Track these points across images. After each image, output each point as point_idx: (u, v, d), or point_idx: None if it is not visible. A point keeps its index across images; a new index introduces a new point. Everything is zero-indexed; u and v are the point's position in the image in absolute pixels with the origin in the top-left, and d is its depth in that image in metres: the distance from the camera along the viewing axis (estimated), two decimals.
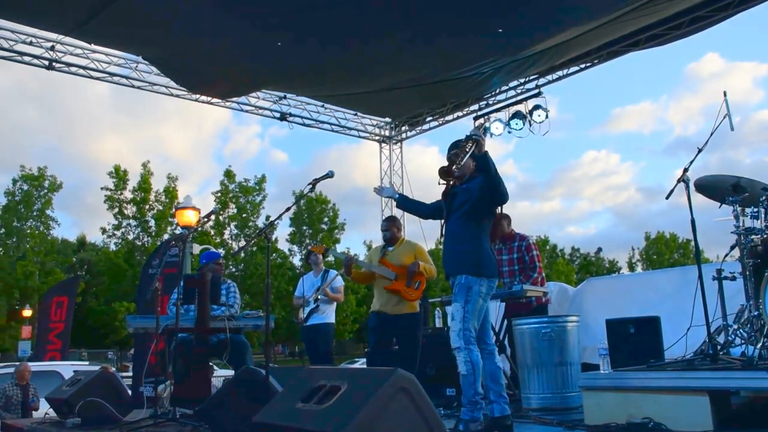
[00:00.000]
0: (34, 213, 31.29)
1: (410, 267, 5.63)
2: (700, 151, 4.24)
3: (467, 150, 3.90)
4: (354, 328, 36.10)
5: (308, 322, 7.32)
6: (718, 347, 3.89)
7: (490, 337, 4.14)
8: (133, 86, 10.85)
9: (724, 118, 4.26)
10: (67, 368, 9.48)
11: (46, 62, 10.01)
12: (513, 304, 6.08)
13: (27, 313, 27.20)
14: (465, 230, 4.01)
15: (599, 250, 51.91)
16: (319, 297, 7.36)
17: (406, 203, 4.61)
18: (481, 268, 3.95)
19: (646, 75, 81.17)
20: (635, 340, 4.75)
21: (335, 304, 7.60)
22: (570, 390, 4.81)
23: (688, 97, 74.09)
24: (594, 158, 77.48)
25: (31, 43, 9.86)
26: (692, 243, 4.19)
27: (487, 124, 11.67)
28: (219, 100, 11.57)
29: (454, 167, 3.92)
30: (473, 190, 4.04)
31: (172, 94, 11.13)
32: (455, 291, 3.95)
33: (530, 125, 11.12)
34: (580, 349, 5.09)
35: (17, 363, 10.12)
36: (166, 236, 30.14)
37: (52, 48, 9.95)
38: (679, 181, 4.20)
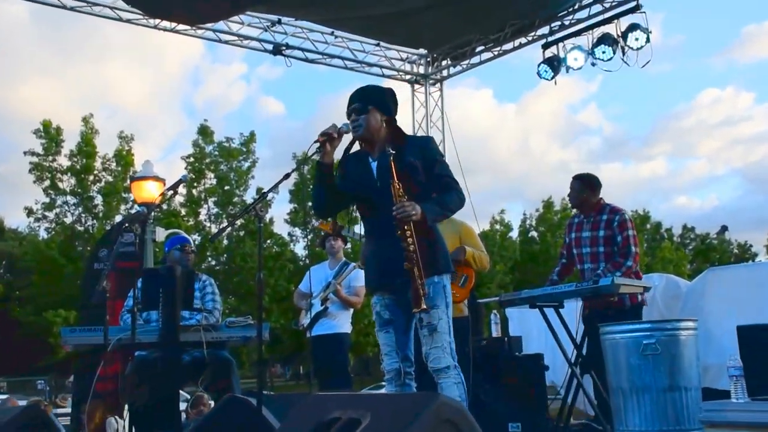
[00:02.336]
0: None
1: (453, 254, 5.69)
2: None
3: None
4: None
5: (313, 332, 7.38)
6: None
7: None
8: (64, 7, 10.85)
9: None
10: None
11: None
12: (595, 303, 6.06)
13: None
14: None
15: (723, 229, 51.28)
16: (329, 297, 7.39)
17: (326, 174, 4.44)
18: (449, 262, 4.39)
19: None
20: None
21: (351, 309, 7.61)
22: (686, 425, 4.77)
23: None
24: (715, 99, 76.93)
25: None
26: None
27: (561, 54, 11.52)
28: (187, 28, 11.56)
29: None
30: (412, 166, 4.27)
31: (120, 19, 11.12)
32: (432, 293, 4.18)
33: (623, 54, 10.91)
34: (699, 369, 5.03)
35: None
36: (118, 218, 30.51)
37: None
38: None
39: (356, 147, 4.49)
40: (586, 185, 6.47)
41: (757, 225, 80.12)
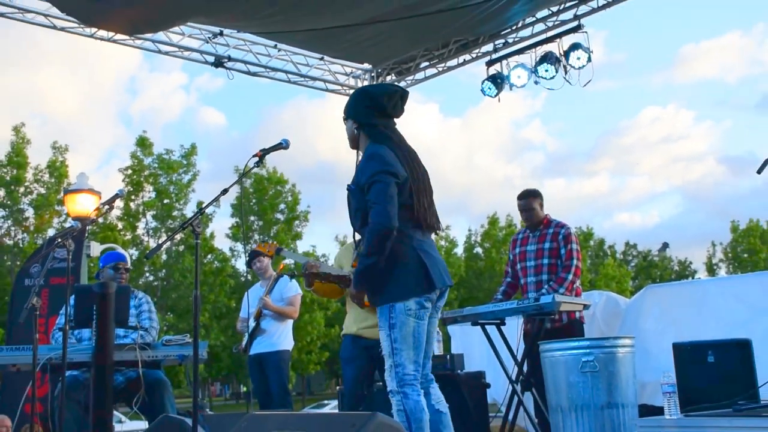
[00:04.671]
0: None
1: None
2: None
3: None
4: (322, 358, 36.23)
5: (252, 351, 7.36)
6: None
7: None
8: None
9: None
10: None
11: None
12: (534, 321, 6.12)
13: None
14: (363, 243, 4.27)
15: (665, 246, 52.39)
16: (262, 311, 7.38)
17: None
18: (401, 286, 4.17)
19: None
20: (716, 373, 4.76)
21: (289, 323, 7.61)
22: None
23: None
24: (656, 117, 78.53)
25: None
26: None
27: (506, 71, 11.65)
28: (125, 38, 11.43)
29: None
30: (352, 194, 4.32)
31: (55, 27, 10.94)
32: (378, 314, 4.21)
33: (566, 72, 11.10)
34: (636, 386, 5.11)
35: None
36: (51, 232, 29.94)
37: None
38: None
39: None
40: (541, 200, 6.60)
41: (698, 242, 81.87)
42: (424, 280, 4.16)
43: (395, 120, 4.44)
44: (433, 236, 4.47)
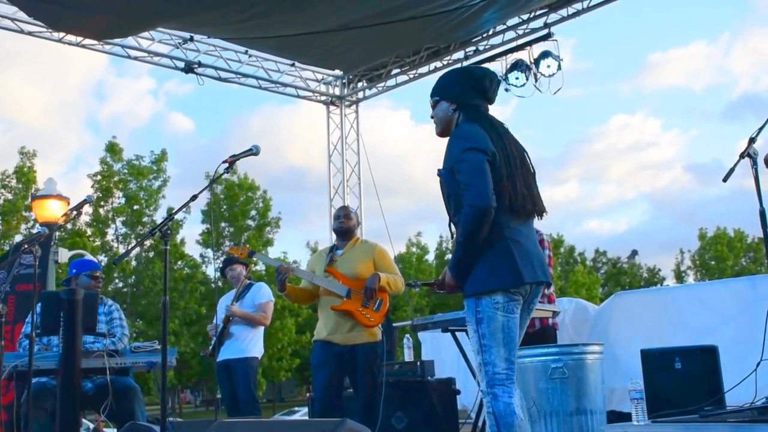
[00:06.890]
0: None
1: (368, 282, 5.78)
2: None
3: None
4: (293, 365, 36.12)
5: (220, 357, 7.33)
6: None
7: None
8: None
9: None
10: None
11: None
12: None
13: None
14: (458, 230, 3.98)
15: (634, 253, 52.78)
16: (230, 317, 7.36)
17: None
18: (487, 278, 3.88)
19: (699, 4, 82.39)
20: (683, 379, 4.81)
21: (260, 329, 7.58)
22: None
23: (758, 35, 75.10)
24: (624, 125, 78.90)
25: None
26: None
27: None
28: (94, 42, 11.35)
29: None
30: (444, 178, 4.07)
31: (22, 31, 10.85)
32: (465, 308, 3.98)
33: (536, 80, 11.19)
34: (605, 392, 5.15)
35: None
36: (18, 238, 29.62)
37: None
38: (742, 155, 4.24)
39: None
40: None
41: (666, 249, 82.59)
42: (511, 273, 3.82)
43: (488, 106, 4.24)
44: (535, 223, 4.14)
